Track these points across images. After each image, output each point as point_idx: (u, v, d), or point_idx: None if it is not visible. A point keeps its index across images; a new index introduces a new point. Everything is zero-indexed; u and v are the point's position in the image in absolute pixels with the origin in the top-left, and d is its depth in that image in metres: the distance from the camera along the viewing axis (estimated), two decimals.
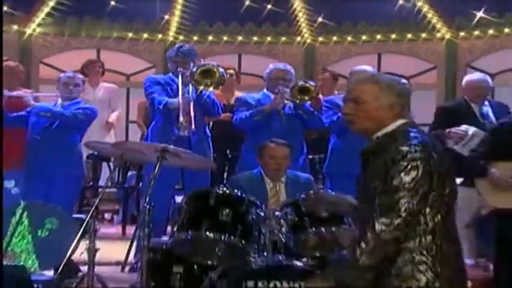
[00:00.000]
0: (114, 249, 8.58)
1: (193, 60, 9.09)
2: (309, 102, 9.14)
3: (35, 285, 7.41)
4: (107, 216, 11.92)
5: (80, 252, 7.39)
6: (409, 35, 13.35)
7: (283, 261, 6.42)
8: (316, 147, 9.88)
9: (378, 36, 13.52)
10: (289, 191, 7.19)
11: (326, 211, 5.81)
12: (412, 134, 4.10)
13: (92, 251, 7.13)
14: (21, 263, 8.15)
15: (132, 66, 13.91)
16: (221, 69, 8.89)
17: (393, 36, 13.52)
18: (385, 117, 4.25)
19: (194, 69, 8.56)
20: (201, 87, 8.58)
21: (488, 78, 9.59)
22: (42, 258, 8.26)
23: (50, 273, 7.96)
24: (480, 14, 12.45)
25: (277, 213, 6.54)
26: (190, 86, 8.67)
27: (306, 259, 6.33)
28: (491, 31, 13.31)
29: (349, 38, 13.73)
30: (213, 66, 8.90)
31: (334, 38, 13.74)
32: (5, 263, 7.59)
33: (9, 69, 10.84)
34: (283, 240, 6.48)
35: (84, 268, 7.28)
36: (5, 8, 12.74)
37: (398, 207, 3.88)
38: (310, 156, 9.48)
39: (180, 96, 8.81)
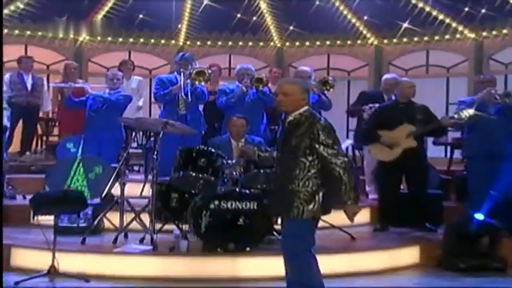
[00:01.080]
0: (137, 188, 9.34)
1: (191, 64, 10.00)
2: (266, 88, 10.09)
3: (88, 207, 8.47)
4: (135, 168, 12.31)
5: (115, 187, 8.60)
6: (349, 41, 14.23)
7: (237, 189, 7.72)
8: (276, 119, 10.58)
9: (328, 42, 14.35)
10: None
11: (258, 157, 6.53)
12: (316, 114, 5.51)
13: (122, 186, 8.50)
14: None
15: (154, 63, 14.61)
16: (209, 71, 9.90)
17: (338, 42, 14.38)
18: (299, 104, 5.53)
19: (191, 70, 9.61)
20: (196, 82, 9.64)
21: (396, 77, 10.42)
22: (92, 192, 9.38)
23: (96, 200, 8.92)
24: (405, 24, 13.33)
25: (235, 161, 7.96)
26: (189, 81, 9.58)
27: (252, 189, 7.70)
28: (405, 39, 14.13)
29: (307, 43, 14.48)
30: (204, 68, 9.93)
31: (297, 43, 14.52)
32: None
33: (69, 66, 11.84)
34: (238, 177, 7.84)
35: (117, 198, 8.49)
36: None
37: (335, 150, 5.28)
38: (272, 127, 10.36)
39: (182, 89, 9.64)
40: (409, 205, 8.77)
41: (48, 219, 7.64)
